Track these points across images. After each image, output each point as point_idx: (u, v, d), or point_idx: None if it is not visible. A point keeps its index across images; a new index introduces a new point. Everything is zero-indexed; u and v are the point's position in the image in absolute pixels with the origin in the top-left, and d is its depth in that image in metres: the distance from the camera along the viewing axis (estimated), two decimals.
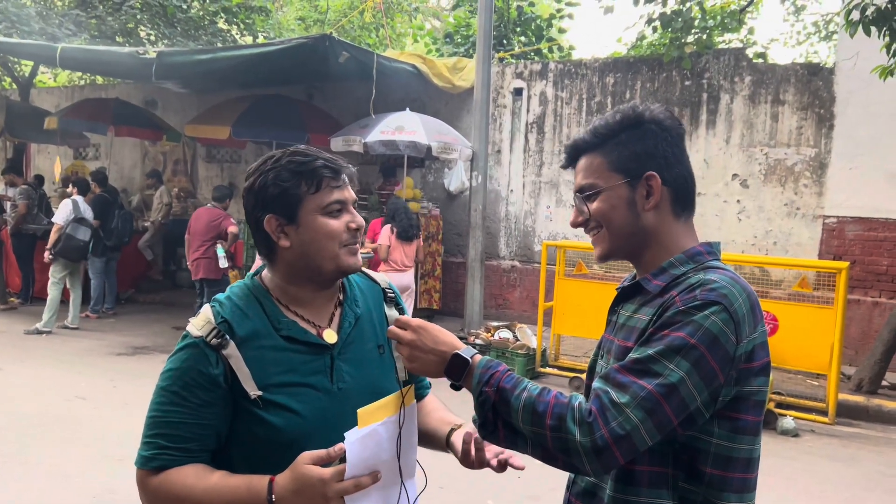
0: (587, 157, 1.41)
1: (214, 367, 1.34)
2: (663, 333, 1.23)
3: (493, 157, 9.73)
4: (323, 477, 1.21)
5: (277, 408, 1.35)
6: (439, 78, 9.49)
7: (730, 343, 1.21)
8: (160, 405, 1.35)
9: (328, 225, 1.40)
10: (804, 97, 8.08)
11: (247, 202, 1.45)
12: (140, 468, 1.35)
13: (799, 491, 4.56)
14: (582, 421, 1.18)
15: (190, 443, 1.34)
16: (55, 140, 11.40)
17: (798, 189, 8.14)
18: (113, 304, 9.52)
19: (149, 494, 1.35)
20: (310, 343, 1.42)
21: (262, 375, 1.36)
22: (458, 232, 9.96)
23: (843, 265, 6.03)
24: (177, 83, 10.79)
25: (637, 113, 1.38)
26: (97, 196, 9.15)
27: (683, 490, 1.29)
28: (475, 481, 4.39)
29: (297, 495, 1.23)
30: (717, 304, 1.22)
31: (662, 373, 1.19)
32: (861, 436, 5.81)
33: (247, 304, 1.41)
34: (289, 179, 1.39)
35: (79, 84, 15.24)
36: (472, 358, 1.30)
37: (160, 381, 1.37)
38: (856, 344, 7.66)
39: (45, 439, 4.89)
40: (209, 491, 1.30)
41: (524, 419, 1.22)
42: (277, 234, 1.41)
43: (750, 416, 1.28)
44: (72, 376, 6.43)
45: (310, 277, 1.44)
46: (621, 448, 1.17)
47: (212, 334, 1.35)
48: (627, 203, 1.37)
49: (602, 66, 9.29)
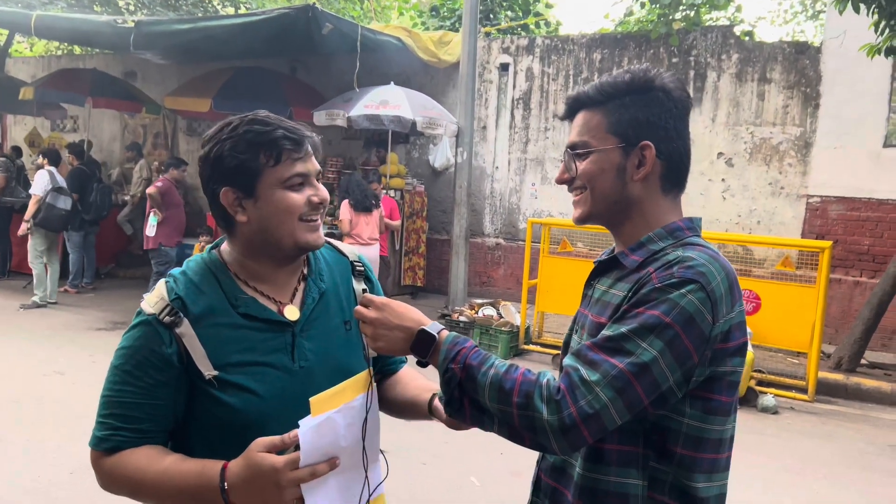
0: (586, 113, 1.36)
1: (168, 346, 1.28)
2: (638, 311, 1.19)
3: (479, 133, 9.65)
4: (275, 465, 1.15)
5: (234, 388, 1.29)
6: (425, 52, 9.36)
7: (705, 323, 1.18)
8: (113, 384, 1.30)
9: (287, 199, 1.32)
10: (791, 76, 8.06)
11: (202, 172, 1.36)
12: (94, 448, 1.31)
13: (778, 467, 4.60)
14: (550, 399, 1.14)
15: (143, 423, 1.29)
16: (32, 111, 11.15)
17: (783, 168, 8.15)
18: (92, 279, 9.40)
19: (102, 475, 1.31)
20: (269, 320, 1.35)
21: (218, 354, 1.30)
22: (442, 209, 9.90)
23: (826, 244, 6.05)
24: (156, 54, 10.56)
25: (647, 77, 1.33)
26: (75, 169, 8.98)
27: (653, 470, 1.26)
28: (458, 459, 4.40)
29: (249, 484, 1.17)
30: (695, 283, 1.19)
31: (635, 351, 1.16)
32: (840, 413, 5.88)
33: (202, 280, 1.34)
34: (246, 151, 1.30)
35: (56, 54, 14.91)
36: (438, 334, 1.26)
37: (114, 359, 1.32)
38: (836, 322, 7.73)
39: (23, 414, 4.82)
40: (161, 475, 1.25)
41: (490, 396, 1.18)
42: (234, 208, 1.33)
43: (723, 396, 1.25)
44: (50, 351, 6.34)
45: (269, 253, 1.37)
46: (589, 427, 1.14)
47: (165, 311, 1.28)
48: (617, 169, 1.32)
49: (589, 41, 9.20)
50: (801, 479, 4.47)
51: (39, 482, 3.84)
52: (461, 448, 4.55)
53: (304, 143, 1.35)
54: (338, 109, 8.11)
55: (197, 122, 12.03)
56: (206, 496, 1.22)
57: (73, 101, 10.55)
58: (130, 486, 1.28)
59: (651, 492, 1.26)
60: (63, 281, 9.22)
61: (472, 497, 3.94)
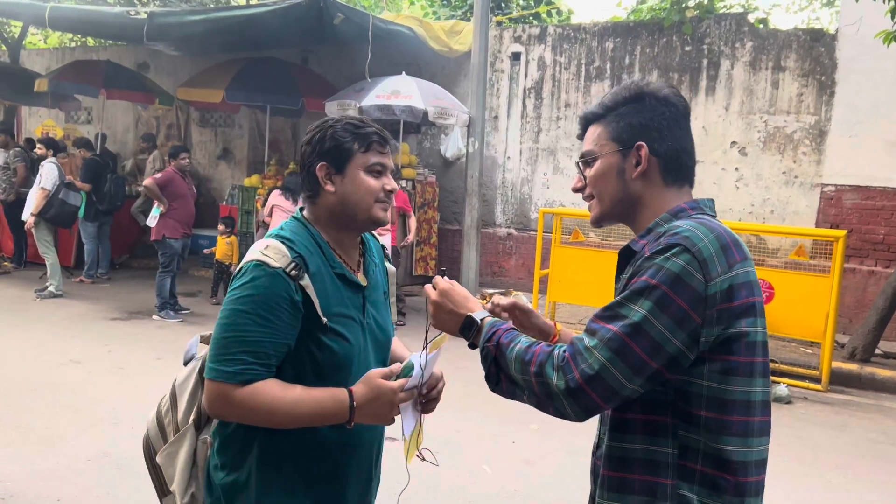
0: (593, 127, 1.51)
1: (296, 294, 1.52)
2: (631, 282, 1.30)
3: (490, 122, 9.63)
4: (394, 388, 1.51)
5: (335, 335, 1.57)
6: (436, 41, 9.34)
7: (696, 281, 1.24)
8: (241, 326, 1.49)
9: (369, 182, 1.62)
10: (805, 64, 7.98)
11: (304, 152, 1.66)
12: (224, 382, 1.48)
13: (791, 457, 4.60)
14: (558, 366, 1.27)
15: (272, 359, 1.51)
16: (46, 103, 11.24)
17: (797, 157, 8.08)
18: (107, 269, 9.47)
19: (236, 405, 1.49)
20: (353, 282, 1.66)
21: (326, 305, 1.56)
22: (454, 199, 9.90)
23: (840, 234, 6.01)
24: (168, 45, 10.60)
25: (640, 87, 1.47)
26: (88, 160, 9.05)
27: (684, 438, 1.31)
28: (470, 446, 4.42)
29: (371, 402, 1.50)
30: (678, 246, 1.27)
31: (627, 315, 1.26)
32: (853, 403, 5.85)
33: (309, 242, 1.61)
34: (344, 137, 1.62)
35: (69, 46, 14.99)
36: (481, 320, 1.47)
37: (237, 304, 1.50)
38: (850, 312, 7.68)
39: (40, 403, 4.88)
40: (296, 400, 1.50)
41: (516, 368, 1.34)
42: (325, 180, 1.62)
43: (741, 357, 1.29)
44: (66, 340, 6.41)
45: (345, 223, 1.66)
46: (595, 388, 1.24)
47: (290, 266, 1.52)
48: (618, 170, 1.45)
49: (601, 30, 9.15)
50: (813, 469, 4.46)
51: (57, 469, 3.90)
52: (473, 436, 4.57)
53: (389, 143, 1.67)
54: (349, 100, 8.11)
55: (209, 113, 12.07)
56: (336, 414, 1.51)
57: (87, 92, 10.61)
58: (266, 411, 1.49)
59: (682, 460, 1.31)
60: (78, 271, 9.31)
61: (484, 485, 3.96)
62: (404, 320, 7.59)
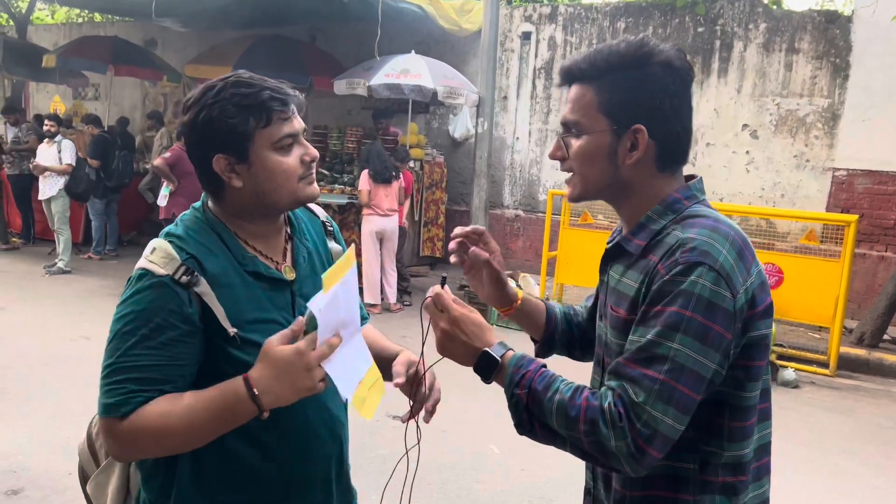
0: (580, 87, 1.30)
1: (188, 306, 1.26)
2: (657, 310, 1.17)
3: (500, 103, 9.56)
4: (299, 348, 1.20)
5: (252, 346, 1.29)
6: (446, 20, 9.24)
7: (726, 300, 1.16)
8: (126, 349, 1.24)
9: (283, 164, 1.33)
10: (820, 46, 7.88)
11: (190, 138, 1.35)
12: (106, 416, 1.24)
13: (797, 441, 4.60)
14: (614, 424, 1.15)
15: (164, 384, 1.25)
16: (54, 79, 11.21)
17: (809, 141, 8.01)
18: (115, 246, 9.52)
19: (119, 438, 1.24)
20: (273, 278, 1.38)
21: (235, 312, 1.30)
22: (461, 180, 9.86)
23: (852, 218, 5.97)
24: (176, 21, 10.53)
25: (643, 51, 1.25)
26: (97, 136, 9.05)
27: (704, 452, 1.25)
28: (477, 426, 4.44)
29: (278, 379, 1.20)
30: (701, 265, 1.16)
31: (668, 355, 1.15)
32: (861, 388, 5.84)
33: (207, 239, 1.34)
34: (236, 115, 1.29)
35: (77, 22, 14.92)
36: (501, 357, 1.28)
37: (120, 325, 1.26)
38: (859, 298, 7.64)
39: (51, 378, 4.92)
40: (187, 410, 1.23)
41: (559, 423, 1.20)
42: (228, 174, 1.33)
43: (758, 361, 1.25)
44: (75, 316, 6.45)
45: (263, 213, 1.39)
46: (655, 446, 1.14)
47: (180, 272, 1.26)
48: (609, 152, 1.28)
49: (613, 10, 9.04)
50: (819, 454, 4.46)
51: (68, 442, 3.93)
52: (480, 416, 4.58)
53: (290, 103, 1.35)
54: (358, 78, 8.06)
55: None
56: (237, 412, 1.22)
57: (95, 68, 10.59)
58: (155, 434, 1.23)
59: (703, 475, 1.26)
60: (86, 248, 9.34)
61: (492, 464, 3.98)
62: (410, 300, 7.60)
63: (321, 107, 10.92)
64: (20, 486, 3.53)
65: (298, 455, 1.39)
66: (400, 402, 1.51)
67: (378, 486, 1.52)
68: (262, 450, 1.35)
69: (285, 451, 1.38)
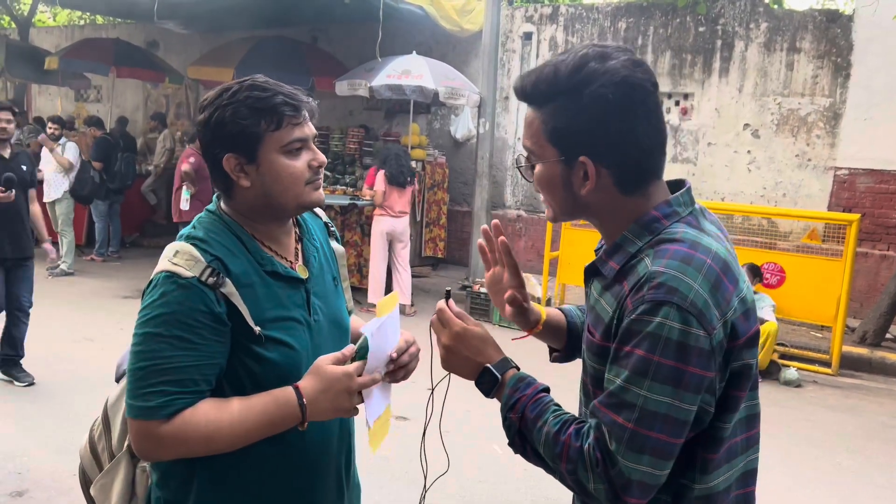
0: (529, 112, 1.24)
1: (217, 306, 1.29)
2: (626, 350, 1.12)
3: (501, 103, 9.57)
4: (348, 372, 1.29)
5: (275, 343, 1.35)
6: (447, 20, 9.25)
7: (700, 339, 1.08)
8: (157, 352, 1.26)
9: (290, 167, 1.36)
10: (821, 45, 7.88)
11: (203, 137, 1.39)
12: (149, 419, 1.25)
13: (800, 440, 4.60)
14: (593, 468, 1.13)
15: (200, 384, 1.29)
16: (56, 81, 11.24)
17: (810, 140, 8.01)
18: (118, 248, 9.53)
19: (167, 442, 1.26)
20: (290, 277, 1.42)
21: (257, 311, 1.34)
22: (463, 180, 9.87)
23: (854, 217, 5.97)
24: (178, 23, 10.56)
25: (585, 72, 1.15)
26: (99, 138, 9.07)
27: (678, 485, 1.20)
28: (480, 426, 4.44)
29: (324, 394, 1.28)
30: (668, 304, 1.08)
31: (636, 403, 1.10)
32: (863, 387, 5.84)
33: (227, 241, 1.37)
34: (248, 117, 1.33)
35: (79, 24, 14.95)
36: (502, 375, 1.29)
37: (149, 327, 1.28)
38: (861, 297, 7.64)
39: (55, 379, 4.93)
40: (237, 418, 1.28)
41: (546, 454, 1.21)
42: (237, 174, 1.37)
43: (742, 390, 1.19)
44: (79, 318, 6.47)
45: (271, 215, 1.42)
46: (633, 493, 1.11)
47: (206, 273, 1.29)
48: (563, 182, 1.22)
49: (614, 10, 9.05)
50: (822, 452, 4.47)
51: (73, 444, 3.94)
52: (483, 416, 4.59)
53: (302, 109, 1.39)
54: (360, 79, 8.07)
55: None
56: (285, 418, 1.29)
57: (97, 70, 10.61)
58: (204, 440, 1.27)
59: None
60: (89, 250, 9.36)
61: (494, 465, 3.99)
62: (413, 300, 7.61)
63: (323, 108, 10.91)
64: (25, 488, 3.54)
65: (314, 450, 1.44)
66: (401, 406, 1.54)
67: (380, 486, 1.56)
68: (281, 446, 1.38)
69: (303, 447, 1.42)
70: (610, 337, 1.18)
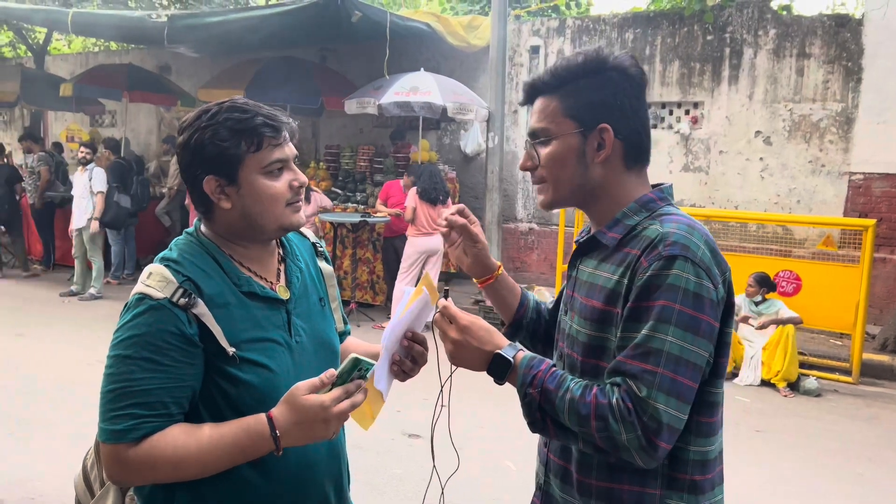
0: (544, 99, 1.38)
1: (188, 327, 1.28)
2: (646, 305, 1.22)
3: (510, 117, 9.57)
4: (323, 403, 1.23)
5: (251, 364, 1.33)
6: (454, 37, 9.30)
7: (710, 291, 1.22)
8: (127, 374, 1.25)
9: (271, 188, 1.36)
10: (831, 50, 7.82)
11: (182, 159, 1.39)
12: (116, 442, 1.25)
13: (820, 450, 4.52)
14: (623, 419, 1.19)
15: (171, 407, 1.28)
16: (71, 107, 11.41)
17: (823, 145, 7.93)
18: (133, 270, 9.61)
19: (134, 467, 1.25)
20: (269, 298, 1.40)
21: (232, 332, 1.32)
22: (474, 195, 9.86)
23: (870, 222, 5.89)
24: (189, 47, 10.69)
25: (600, 58, 1.34)
26: (114, 163, 9.16)
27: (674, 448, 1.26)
28: (494, 442, 4.40)
29: (298, 425, 1.24)
30: (682, 258, 1.21)
31: (662, 348, 1.19)
32: (884, 395, 5.73)
33: (202, 261, 1.37)
34: (228, 139, 1.33)
35: (93, 51, 15.18)
36: (513, 358, 1.32)
37: (119, 349, 1.28)
38: (881, 303, 7.52)
39: (68, 403, 4.95)
40: (207, 443, 1.26)
41: (571, 420, 1.24)
42: (217, 196, 1.36)
43: (723, 357, 1.30)
44: (93, 341, 6.50)
45: (252, 236, 1.41)
46: (663, 437, 1.18)
47: (177, 294, 1.29)
48: (577, 154, 1.35)
49: (621, 21, 9.05)
50: (844, 462, 4.38)
51: None
52: (497, 432, 4.55)
53: (283, 130, 1.39)
54: (368, 97, 8.11)
55: None
56: (257, 448, 1.26)
57: (111, 95, 10.75)
58: (171, 465, 1.25)
59: (671, 470, 1.29)
60: (105, 273, 9.44)
61: (508, 481, 3.94)
62: None
63: (333, 126, 11.00)
64: None
65: (298, 474, 1.40)
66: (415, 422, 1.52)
67: None
68: (263, 470, 1.35)
69: (286, 470, 1.38)
70: (614, 301, 1.28)
